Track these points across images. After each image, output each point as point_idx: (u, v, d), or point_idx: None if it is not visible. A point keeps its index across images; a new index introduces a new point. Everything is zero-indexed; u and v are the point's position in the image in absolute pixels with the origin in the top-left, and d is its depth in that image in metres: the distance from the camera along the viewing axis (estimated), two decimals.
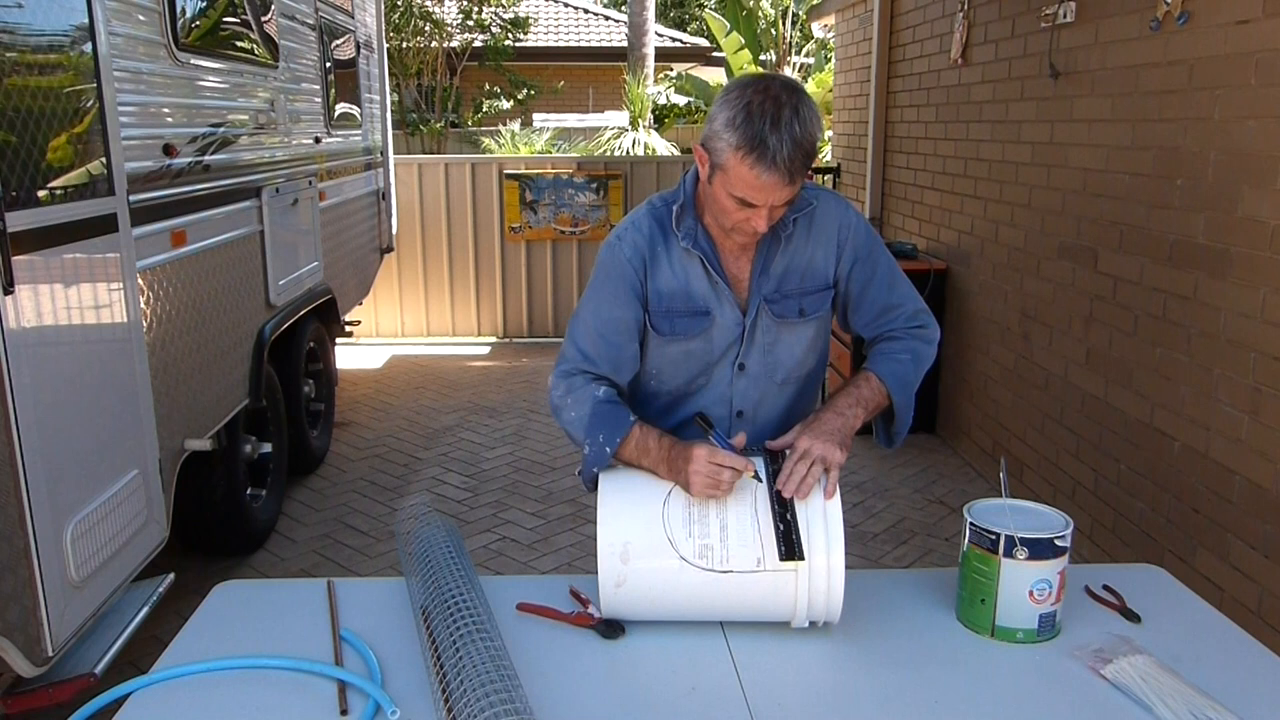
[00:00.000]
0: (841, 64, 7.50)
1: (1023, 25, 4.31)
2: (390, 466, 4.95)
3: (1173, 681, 1.40)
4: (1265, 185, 2.78)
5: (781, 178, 1.52)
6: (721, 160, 1.56)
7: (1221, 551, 2.99)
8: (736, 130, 1.52)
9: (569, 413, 1.72)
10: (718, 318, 1.74)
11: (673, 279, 1.73)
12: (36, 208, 2.25)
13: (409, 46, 13.14)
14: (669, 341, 1.76)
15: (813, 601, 1.52)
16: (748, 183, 1.54)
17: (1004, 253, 4.55)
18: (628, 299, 1.73)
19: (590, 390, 1.71)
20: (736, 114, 1.52)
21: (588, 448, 1.67)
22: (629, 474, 1.66)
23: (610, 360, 1.75)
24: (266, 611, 1.67)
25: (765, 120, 1.50)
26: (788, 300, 1.76)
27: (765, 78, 1.57)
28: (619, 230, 1.77)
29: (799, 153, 1.51)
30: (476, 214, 7.44)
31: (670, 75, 16.40)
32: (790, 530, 1.51)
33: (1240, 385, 2.90)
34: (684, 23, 24.55)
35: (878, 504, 4.45)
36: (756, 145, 1.50)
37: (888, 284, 1.82)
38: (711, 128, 1.57)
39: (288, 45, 4.26)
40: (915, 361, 1.80)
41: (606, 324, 1.74)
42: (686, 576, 1.52)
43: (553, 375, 1.78)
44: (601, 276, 1.76)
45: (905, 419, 1.79)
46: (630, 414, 1.68)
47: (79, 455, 2.41)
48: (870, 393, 1.73)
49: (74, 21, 2.47)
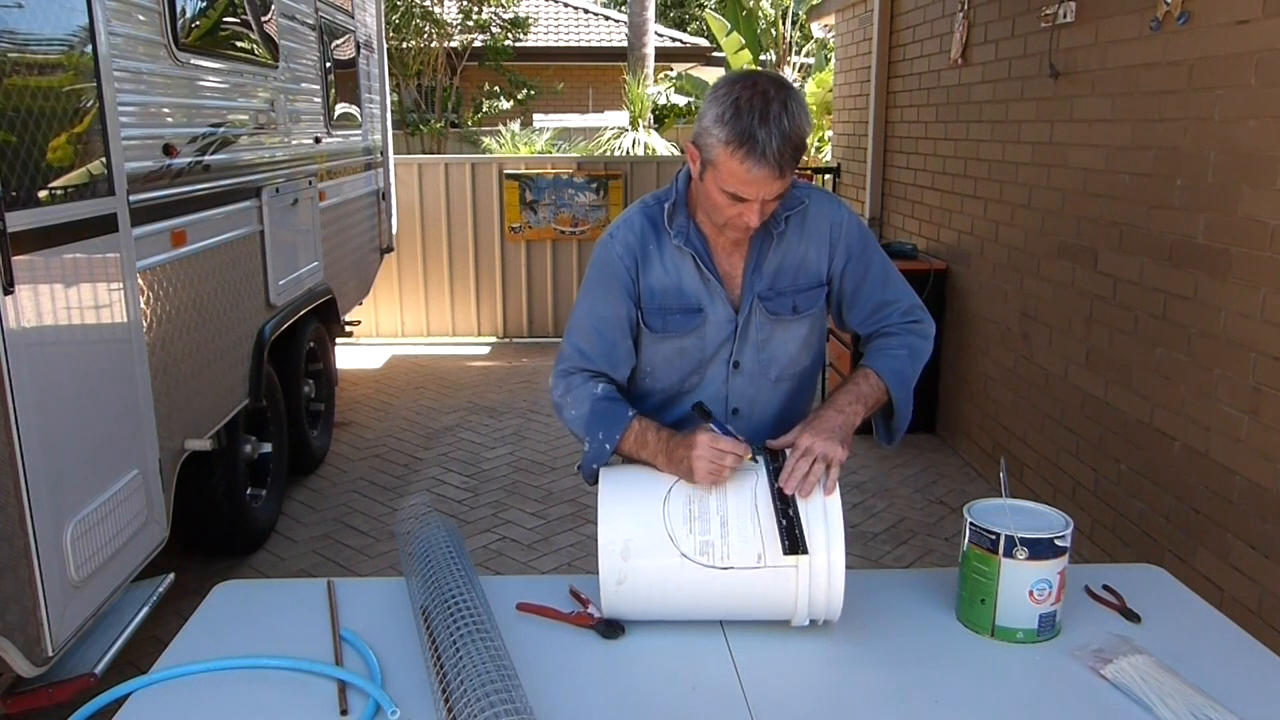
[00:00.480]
0: (841, 64, 7.50)
1: (1023, 25, 4.31)
2: (390, 466, 4.95)
3: (1173, 681, 1.40)
4: (1265, 185, 2.78)
5: (771, 171, 1.54)
6: (712, 156, 1.57)
7: (1221, 551, 2.99)
8: (726, 125, 1.53)
9: (569, 411, 1.76)
10: (710, 315, 1.75)
11: (665, 276, 1.74)
12: (36, 208, 2.24)
13: (409, 46, 13.14)
14: (662, 339, 1.77)
15: (813, 599, 1.52)
16: (738, 177, 1.55)
17: (1004, 253, 4.55)
18: (620, 295, 1.75)
19: (589, 388, 1.74)
20: (725, 109, 1.54)
21: (588, 445, 1.70)
22: (629, 471, 1.67)
23: (606, 356, 1.77)
24: (266, 611, 1.67)
25: (754, 115, 1.52)
26: (781, 297, 1.77)
27: (753, 74, 1.59)
28: (611, 228, 1.79)
29: (788, 146, 1.53)
30: (476, 214, 7.44)
31: (670, 75, 16.40)
32: (793, 525, 1.51)
33: (1240, 385, 2.90)
34: (684, 23, 24.55)
35: (878, 504, 4.45)
36: (746, 139, 1.52)
37: (881, 280, 1.83)
38: (701, 124, 1.59)
39: (288, 45, 4.26)
40: (912, 357, 1.81)
41: (601, 321, 1.76)
42: (687, 573, 1.52)
43: (552, 375, 1.80)
44: (594, 274, 1.78)
45: (904, 415, 1.81)
46: (629, 409, 1.70)
47: (79, 455, 2.41)
48: (869, 389, 1.74)
49: (74, 22, 2.47)
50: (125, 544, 2.60)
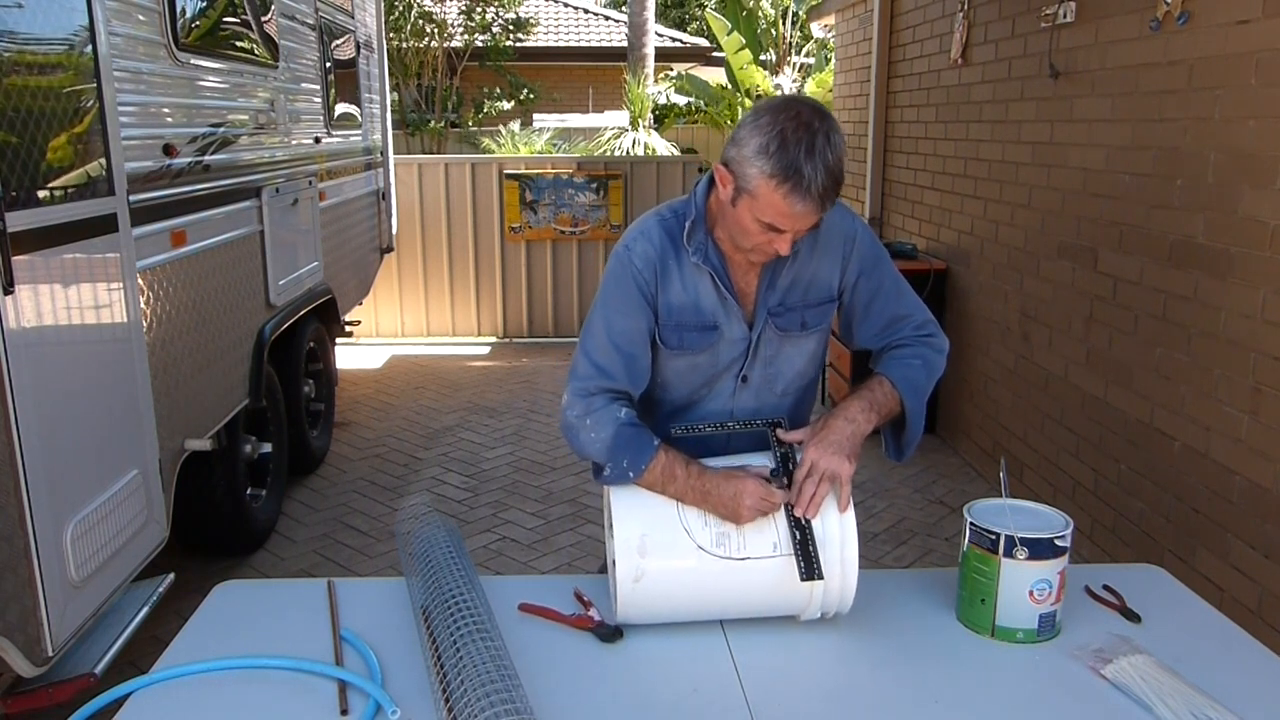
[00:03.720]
0: (841, 64, 7.50)
1: (1023, 25, 4.31)
2: (390, 466, 4.95)
3: (1173, 681, 1.40)
4: (1265, 185, 2.78)
5: (815, 206, 1.51)
6: (751, 186, 1.53)
7: (1221, 551, 2.99)
8: (770, 158, 1.49)
9: (588, 434, 1.65)
10: (725, 332, 1.72)
11: (683, 293, 1.70)
12: (36, 208, 2.24)
13: (409, 46, 13.13)
14: (675, 355, 1.74)
15: (827, 588, 1.54)
16: (780, 210, 1.52)
17: (1004, 253, 4.55)
18: (639, 309, 1.69)
19: (612, 412, 1.65)
20: (770, 141, 1.49)
21: (609, 470, 1.62)
22: None
23: (626, 372, 1.70)
24: (266, 611, 1.67)
25: (800, 149, 1.48)
26: (790, 313, 1.74)
27: (794, 102, 1.54)
28: (628, 239, 1.72)
29: (831, 181, 1.50)
30: (476, 214, 7.44)
31: (670, 75, 16.40)
32: (807, 543, 1.53)
33: (1240, 385, 2.90)
34: (684, 23, 24.54)
35: (878, 504, 4.45)
36: (791, 174, 1.48)
37: (895, 295, 1.79)
38: (741, 152, 1.53)
39: (288, 45, 4.26)
40: (927, 369, 1.76)
41: (620, 335, 1.69)
42: (705, 566, 1.53)
43: (567, 393, 1.70)
44: (611, 287, 1.71)
45: (916, 428, 1.75)
46: (654, 438, 1.63)
47: (79, 455, 2.41)
48: (883, 397, 1.70)
49: (74, 22, 2.47)
50: (125, 544, 2.60)
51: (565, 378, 1.75)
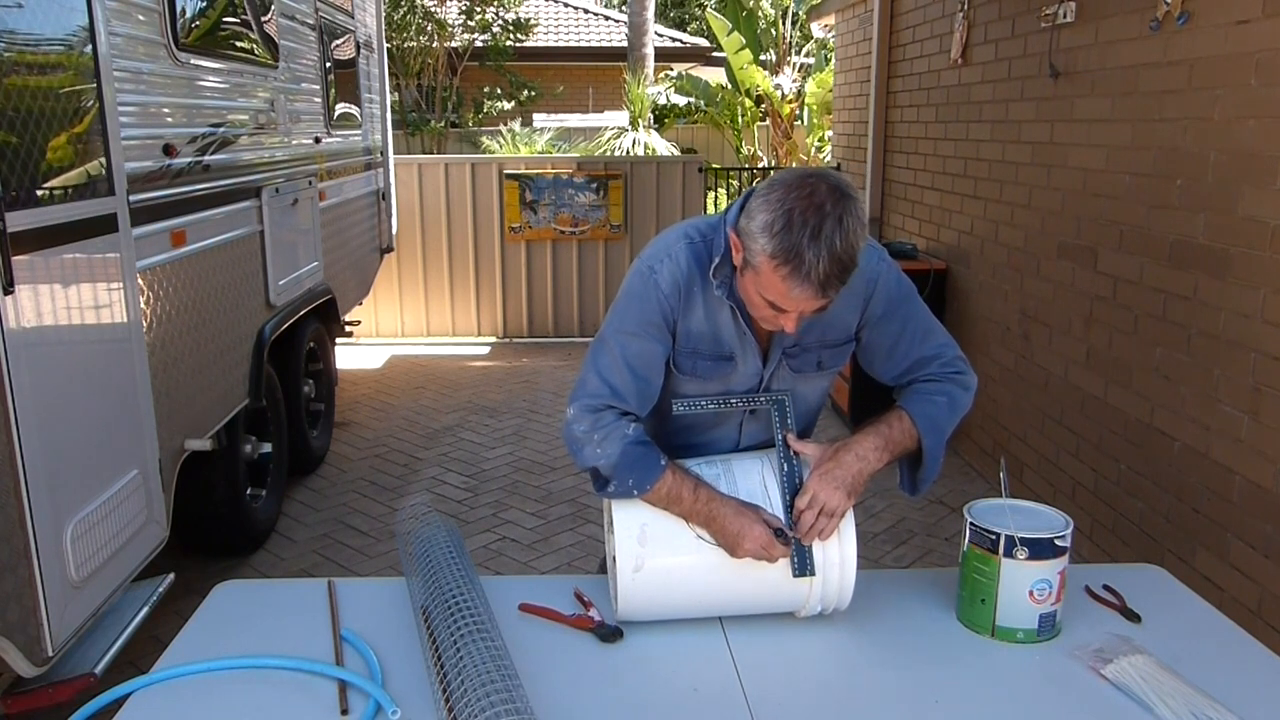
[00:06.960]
0: (841, 64, 7.50)
1: (1023, 25, 4.31)
2: (390, 466, 4.95)
3: (1173, 681, 1.40)
4: (1265, 185, 2.78)
5: (814, 292, 1.45)
6: (755, 262, 1.48)
7: (1221, 551, 2.99)
8: (774, 238, 1.44)
9: (594, 449, 1.62)
10: (740, 365, 1.69)
11: (704, 321, 1.66)
12: (36, 208, 2.24)
13: (409, 46, 13.13)
14: (687, 380, 1.71)
15: (826, 581, 1.54)
16: (778, 290, 1.47)
17: (1004, 253, 4.55)
18: (659, 333, 1.65)
19: (620, 429, 1.62)
20: (775, 219, 1.44)
21: (614, 486, 1.60)
22: None
23: (639, 394, 1.66)
24: (266, 611, 1.67)
25: (805, 231, 1.42)
26: (806, 354, 1.71)
27: (813, 177, 1.47)
28: (652, 259, 1.66)
29: (835, 268, 1.43)
30: (476, 214, 7.44)
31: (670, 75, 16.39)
32: (802, 543, 1.54)
33: (1240, 385, 2.90)
34: (684, 23, 24.53)
35: (878, 504, 4.45)
36: (792, 258, 1.42)
37: (921, 336, 1.73)
38: (749, 225, 1.48)
39: (288, 45, 4.26)
40: (951, 406, 1.71)
41: (636, 357, 1.64)
42: (704, 558, 1.54)
43: (573, 407, 1.66)
44: (633, 307, 1.65)
45: (933, 467, 1.70)
46: (661, 456, 1.61)
47: (79, 455, 2.41)
48: (900, 435, 1.66)
49: (74, 22, 2.47)
50: (125, 544, 2.60)
51: (566, 378, 1.74)
